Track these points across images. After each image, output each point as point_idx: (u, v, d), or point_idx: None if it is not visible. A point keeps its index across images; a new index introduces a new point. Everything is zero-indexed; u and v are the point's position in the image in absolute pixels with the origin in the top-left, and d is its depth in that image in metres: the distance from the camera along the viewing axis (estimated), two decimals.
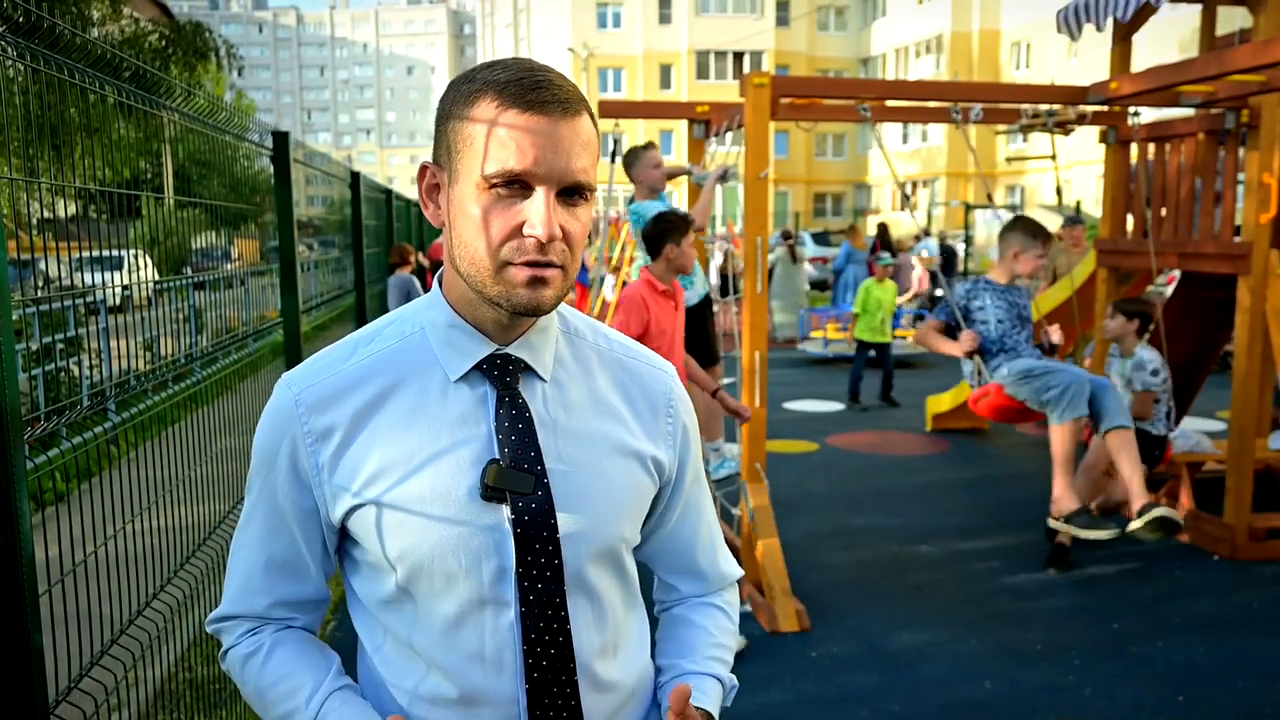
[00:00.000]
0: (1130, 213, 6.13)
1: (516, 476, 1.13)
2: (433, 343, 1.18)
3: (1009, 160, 10.81)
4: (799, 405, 9.57)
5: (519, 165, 1.05)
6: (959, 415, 8.28)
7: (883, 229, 15.35)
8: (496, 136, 1.06)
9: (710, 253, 6.07)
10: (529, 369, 1.18)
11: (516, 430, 1.15)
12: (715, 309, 5.74)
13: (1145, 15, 5.16)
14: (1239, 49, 4.62)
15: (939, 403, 8.42)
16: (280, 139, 3.66)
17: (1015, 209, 23.52)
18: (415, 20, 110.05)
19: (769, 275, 5.39)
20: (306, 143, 5.06)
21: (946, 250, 17.25)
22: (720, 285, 11.55)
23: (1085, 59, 28.62)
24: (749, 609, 4.48)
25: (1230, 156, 5.45)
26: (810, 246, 22.84)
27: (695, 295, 5.49)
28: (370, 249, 7.93)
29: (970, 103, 5.15)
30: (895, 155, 42.50)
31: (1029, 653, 4.11)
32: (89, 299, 3.35)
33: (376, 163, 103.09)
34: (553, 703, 1.15)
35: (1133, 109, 5.57)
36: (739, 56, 43.39)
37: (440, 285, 1.20)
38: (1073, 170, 29.51)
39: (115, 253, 2.46)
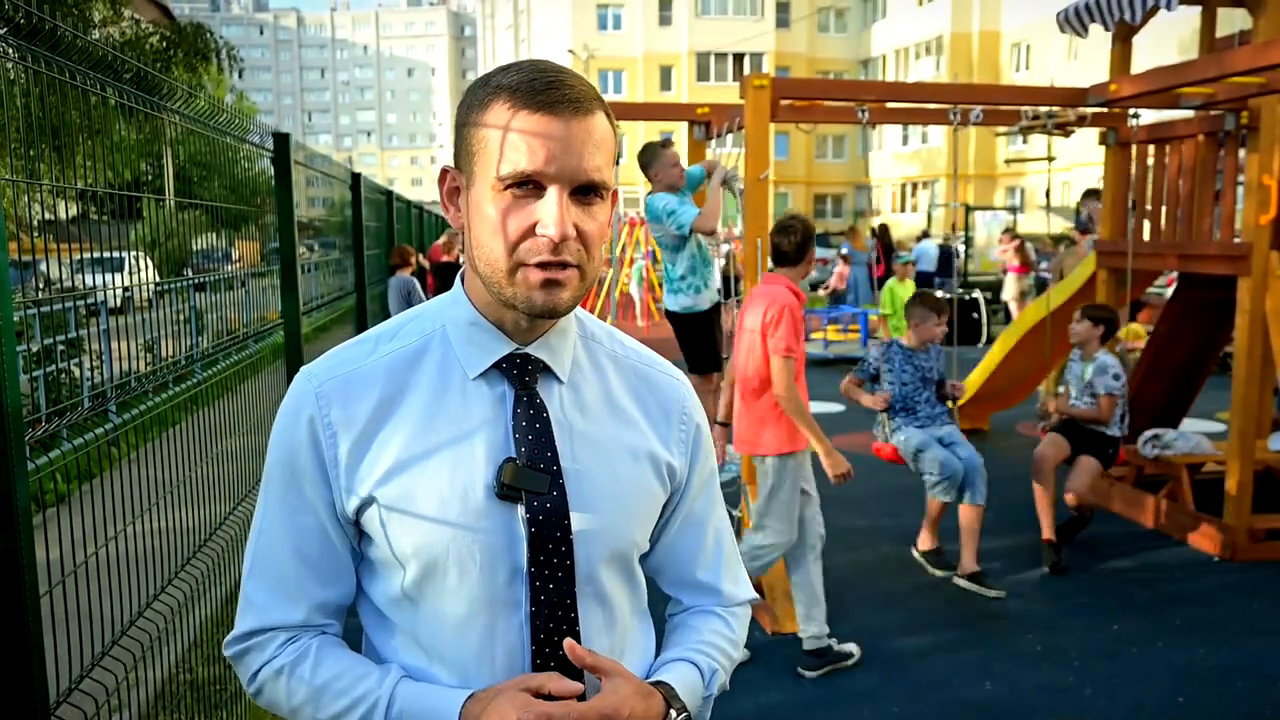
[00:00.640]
0: (1131, 214, 6.14)
1: (533, 476, 1.13)
2: (453, 340, 1.18)
3: (1008, 162, 10.83)
4: None
5: (530, 166, 1.06)
6: (959, 416, 8.27)
7: (883, 230, 15.35)
8: (509, 139, 1.07)
9: (716, 255, 6.06)
10: (547, 370, 1.19)
11: (534, 430, 1.15)
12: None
13: (1150, 15, 5.17)
14: (1239, 51, 4.63)
15: None
16: (281, 140, 3.67)
17: (1015, 210, 23.50)
18: (416, 22, 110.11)
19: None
20: (307, 144, 5.06)
21: (946, 251, 17.25)
22: (722, 287, 11.54)
23: (1085, 61, 28.61)
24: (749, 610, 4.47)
25: (1230, 158, 5.45)
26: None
27: (707, 301, 5.49)
28: (371, 250, 7.94)
29: (970, 105, 5.15)
30: (895, 157, 42.55)
31: (1029, 653, 4.11)
32: (90, 300, 3.35)
33: (377, 164, 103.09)
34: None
35: (1132, 111, 5.58)
36: (739, 58, 43.41)
37: (463, 283, 1.20)
38: (1072, 172, 29.52)
39: (116, 254, 2.46)
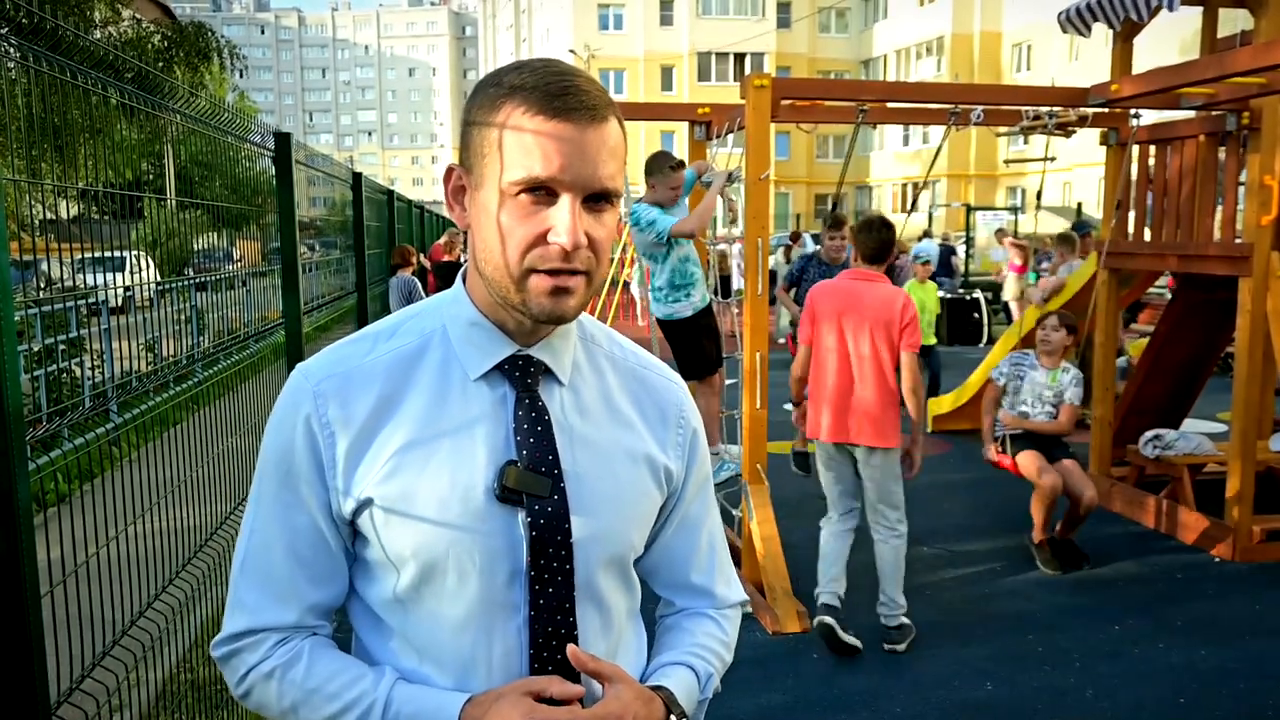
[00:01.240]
0: (1132, 215, 6.13)
1: (535, 479, 1.12)
2: (454, 340, 1.16)
3: (1008, 162, 10.83)
4: None
5: (545, 172, 1.04)
6: (960, 416, 8.28)
7: None
8: (522, 143, 1.04)
9: (711, 256, 6.06)
10: (549, 372, 1.18)
11: (535, 433, 1.14)
12: (715, 308, 5.73)
13: (1155, 13, 5.16)
14: (1240, 51, 4.63)
15: (940, 404, 8.43)
16: (282, 140, 3.66)
17: (1016, 210, 23.48)
18: (417, 22, 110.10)
19: (770, 277, 5.39)
20: (308, 144, 5.06)
21: (947, 251, 17.20)
22: (721, 287, 11.56)
23: (1086, 61, 28.58)
24: (750, 610, 4.48)
25: (1231, 159, 5.45)
26: (811, 247, 22.83)
27: (689, 308, 5.46)
28: (372, 250, 7.94)
29: (971, 105, 5.15)
30: (897, 157, 42.53)
31: (1030, 654, 4.11)
32: (91, 300, 3.35)
33: (378, 164, 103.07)
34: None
35: (1134, 111, 5.57)
36: (740, 58, 43.40)
37: (464, 282, 1.19)
38: (1073, 172, 29.51)
39: (117, 254, 2.46)
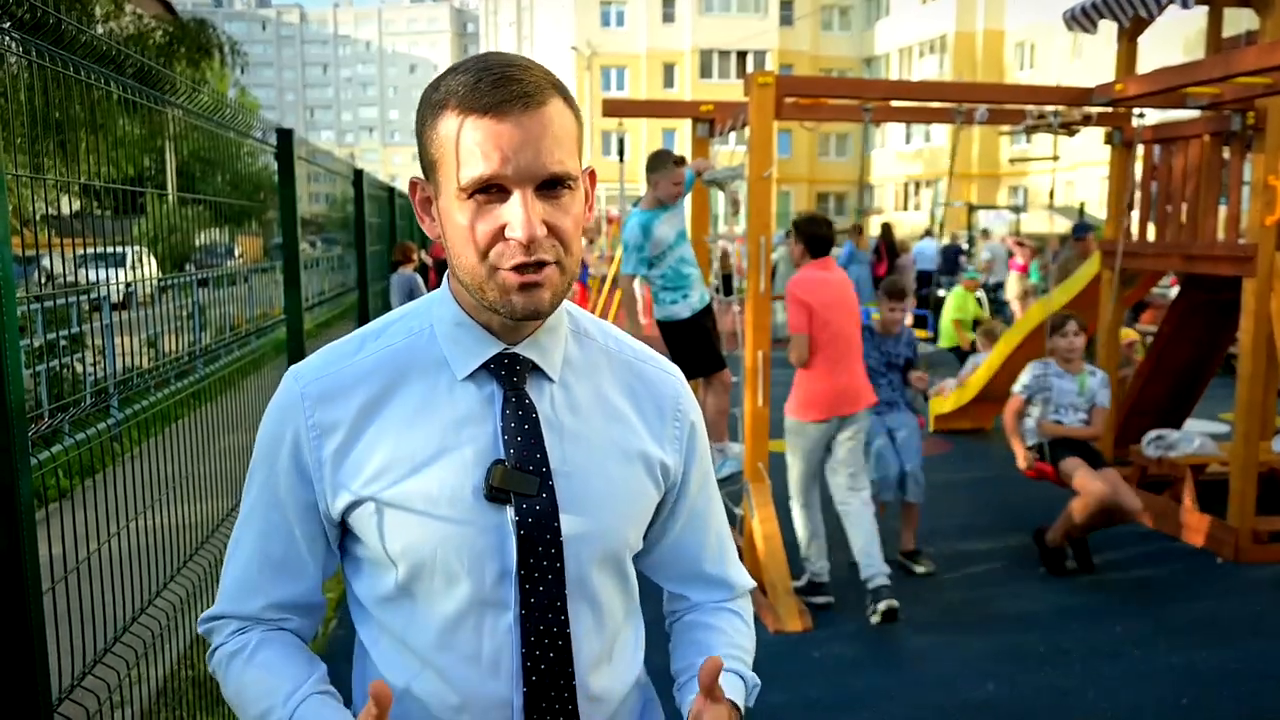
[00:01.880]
0: (1136, 215, 6.12)
1: (521, 478, 1.12)
2: (440, 340, 1.17)
3: (1012, 161, 10.85)
4: None
5: (488, 170, 1.04)
6: (961, 416, 8.26)
7: (886, 229, 15.32)
8: (464, 145, 1.05)
9: (712, 254, 6.05)
10: (537, 369, 1.17)
11: (523, 431, 1.14)
12: (715, 307, 5.72)
13: (1163, 8, 5.15)
14: (1245, 51, 4.62)
15: (941, 404, 8.41)
16: (284, 136, 3.66)
17: (1019, 210, 23.47)
18: (418, 18, 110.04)
19: (772, 274, 5.39)
20: (309, 140, 5.05)
21: (954, 250, 17.16)
22: (723, 285, 11.57)
23: (1090, 60, 28.55)
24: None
25: (1236, 159, 5.43)
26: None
27: (686, 310, 5.46)
28: (373, 247, 7.93)
29: (975, 103, 5.14)
30: (898, 156, 42.52)
31: (1031, 654, 4.10)
32: (92, 296, 3.35)
33: (379, 161, 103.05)
34: (549, 707, 1.14)
35: (1138, 110, 5.56)
36: (742, 56, 43.36)
37: (450, 282, 1.19)
38: (1076, 171, 29.47)
39: (119, 249, 2.46)
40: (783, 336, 14.43)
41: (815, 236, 4.58)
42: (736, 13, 43.93)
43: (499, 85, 1.04)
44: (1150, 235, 6.08)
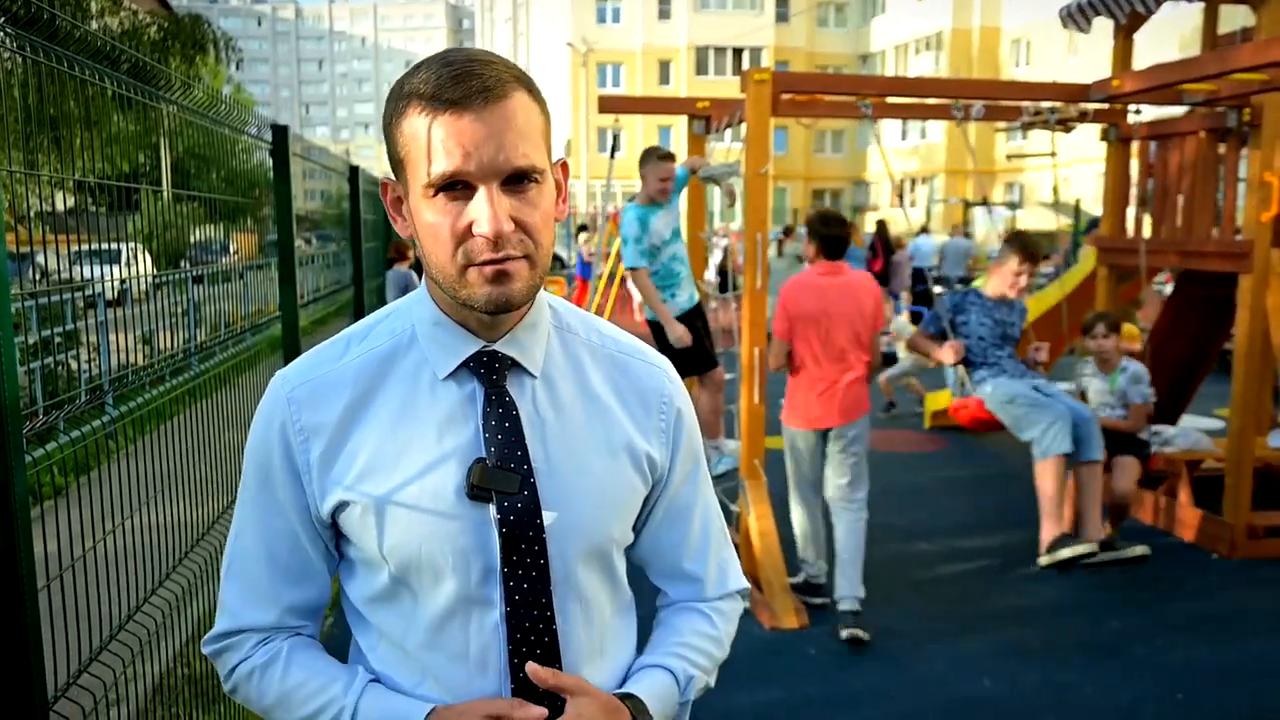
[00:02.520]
0: (1132, 210, 6.12)
1: (502, 476, 1.13)
2: (421, 340, 1.17)
3: (1009, 158, 10.85)
4: None
5: (451, 166, 1.04)
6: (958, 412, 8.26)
7: (881, 226, 15.32)
8: (428, 144, 1.05)
9: (709, 250, 6.04)
10: (518, 366, 1.17)
11: (504, 429, 1.14)
12: (714, 305, 5.72)
13: (1159, 5, 5.15)
14: (1241, 48, 4.62)
15: (938, 401, 8.42)
16: (279, 132, 3.64)
17: (1014, 206, 23.50)
18: (414, 15, 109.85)
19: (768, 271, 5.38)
20: (304, 136, 5.04)
21: (960, 247, 17.10)
22: (720, 282, 11.56)
23: (1086, 57, 28.58)
24: (748, 605, 4.47)
25: (1231, 155, 5.44)
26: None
27: (678, 306, 5.45)
28: (369, 243, 7.91)
29: (971, 100, 5.13)
30: (894, 152, 42.52)
31: (1029, 651, 4.10)
32: (87, 292, 3.34)
33: (374, 157, 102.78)
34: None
35: (1134, 107, 5.56)
36: (738, 52, 43.37)
37: (426, 281, 1.19)
38: (1072, 168, 29.49)
39: (113, 246, 2.45)
40: None
41: (829, 238, 4.33)
42: (732, 9, 43.92)
43: (459, 80, 1.04)
44: (1146, 231, 6.08)
